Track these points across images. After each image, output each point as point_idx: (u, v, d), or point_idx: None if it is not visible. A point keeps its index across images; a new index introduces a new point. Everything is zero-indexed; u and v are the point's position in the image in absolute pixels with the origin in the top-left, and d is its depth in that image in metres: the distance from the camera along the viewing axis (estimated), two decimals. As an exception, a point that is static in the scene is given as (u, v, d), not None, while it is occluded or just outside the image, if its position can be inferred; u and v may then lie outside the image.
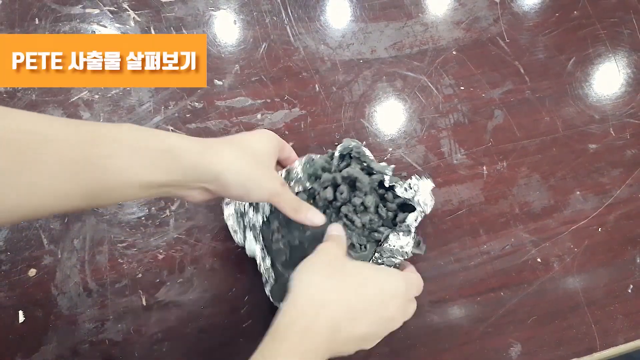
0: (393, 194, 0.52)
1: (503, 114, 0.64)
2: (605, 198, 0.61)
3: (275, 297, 0.48)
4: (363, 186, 0.51)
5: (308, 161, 0.52)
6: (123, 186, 0.36)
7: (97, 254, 0.53)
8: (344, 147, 0.53)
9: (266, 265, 0.49)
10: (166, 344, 0.50)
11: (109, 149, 0.35)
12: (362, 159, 0.53)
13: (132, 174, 0.36)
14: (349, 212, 0.52)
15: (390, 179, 0.51)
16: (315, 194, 0.52)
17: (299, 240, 0.51)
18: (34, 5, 0.65)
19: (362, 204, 0.51)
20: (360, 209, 0.52)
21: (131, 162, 0.36)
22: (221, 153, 0.41)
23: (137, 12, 0.67)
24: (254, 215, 0.51)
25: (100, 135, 0.36)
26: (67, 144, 0.34)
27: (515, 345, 0.53)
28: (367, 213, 0.52)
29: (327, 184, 0.52)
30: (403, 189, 0.51)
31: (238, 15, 0.68)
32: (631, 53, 0.70)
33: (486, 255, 0.57)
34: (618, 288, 0.56)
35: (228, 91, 0.63)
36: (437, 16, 0.71)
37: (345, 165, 0.53)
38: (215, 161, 0.40)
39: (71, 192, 0.35)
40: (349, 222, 0.52)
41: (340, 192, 0.51)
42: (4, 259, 0.52)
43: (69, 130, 0.35)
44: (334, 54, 0.66)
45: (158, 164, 0.37)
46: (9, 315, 0.50)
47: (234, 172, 0.41)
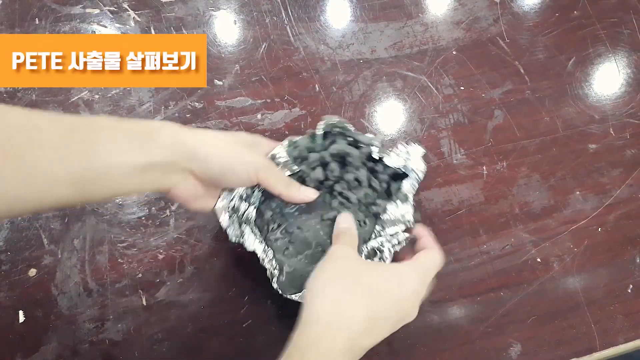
0: (383, 165, 0.50)
1: (503, 114, 0.64)
2: (605, 198, 0.61)
3: (285, 289, 0.46)
4: (354, 160, 0.49)
5: (291, 143, 0.49)
6: (108, 170, 0.37)
7: (97, 254, 0.53)
8: (326, 124, 0.50)
9: (269, 257, 0.47)
10: (166, 344, 0.50)
11: (90, 135, 0.37)
12: (347, 133, 0.50)
13: (114, 156, 0.37)
14: (343, 189, 0.50)
15: (379, 151, 0.49)
16: (305, 177, 0.50)
17: (296, 226, 0.50)
18: (34, 5, 0.65)
19: (356, 179, 0.50)
20: (353, 184, 0.50)
21: (112, 144, 0.37)
22: (197, 131, 0.42)
23: (137, 12, 0.67)
24: (246, 207, 0.48)
25: (81, 124, 0.37)
26: (52, 133, 0.35)
27: (515, 345, 0.53)
28: (361, 188, 0.51)
29: (315, 164, 0.50)
30: (392, 159, 0.49)
31: (238, 15, 0.68)
32: (631, 53, 0.70)
33: (486, 255, 0.57)
34: (618, 288, 0.56)
35: (228, 91, 0.63)
36: (437, 16, 0.71)
37: (331, 143, 0.51)
38: (191, 137, 0.40)
39: (59, 179, 0.35)
40: (344, 200, 0.51)
41: (331, 170, 0.50)
42: (4, 259, 0.52)
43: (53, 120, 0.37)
44: (334, 54, 0.66)
45: (137, 144, 0.38)
46: (9, 315, 0.50)
47: (212, 145, 0.41)
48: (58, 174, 0.35)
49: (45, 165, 0.35)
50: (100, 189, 0.38)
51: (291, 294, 0.46)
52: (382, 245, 0.47)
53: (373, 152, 0.49)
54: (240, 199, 0.48)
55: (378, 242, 0.48)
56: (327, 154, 0.49)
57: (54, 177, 0.35)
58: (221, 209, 0.46)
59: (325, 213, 0.51)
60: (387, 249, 0.47)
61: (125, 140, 0.38)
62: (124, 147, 0.38)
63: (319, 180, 0.50)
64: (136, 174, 0.38)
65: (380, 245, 0.47)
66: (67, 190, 0.36)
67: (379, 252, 0.47)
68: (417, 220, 0.50)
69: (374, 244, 0.48)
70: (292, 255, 0.49)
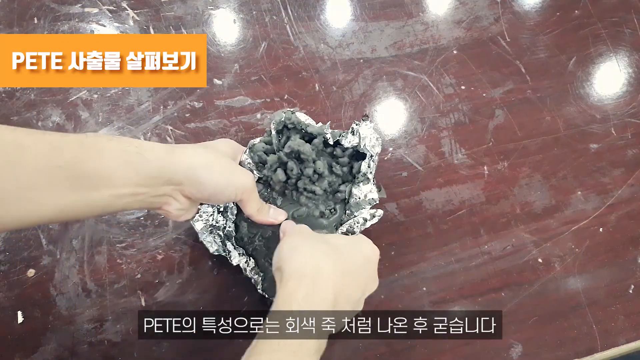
0: (341, 148, 0.52)
1: (504, 114, 0.64)
2: (607, 198, 0.61)
3: (271, 292, 0.48)
4: (308, 155, 0.50)
5: (251, 148, 0.52)
6: (95, 191, 0.36)
7: (96, 254, 0.53)
8: (276, 122, 0.51)
9: (250, 267, 0.49)
10: (166, 344, 0.50)
11: (79, 154, 0.36)
12: (299, 126, 0.51)
13: (104, 175, 0.36)
14: (306, 184, 0.51)
15: (332, 135, 0.51)
16: (269, 180, 0.52)
17: (271, 230, 0.51)
18: (32, 4, 0.65)
19: (315, 172, 0.51)
20: (315, 177, 0.51)
21: (101, 163, 0.36)
22: (188, 151, 0.41)
23: (136, 11, 0.66)
24: (224, 222, 0.51)
25: (69, 142, 0.36)
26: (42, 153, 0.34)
27: (516, 346, 0.53)
28: (324, 178, 0.52)
29: (275, 166, 0.51)
30: (348, 140, 0.50)
31: (237, 14, 0.68)
32: (632, 52, 0.70)
33: (487, 256, 0.56)
34: (619, 288, 0.56)
35: (227, 90, 0.62)
36: (437, 15, 0.70)
37: (286, 139, 0.52)
38: (183, 159, 0.40)
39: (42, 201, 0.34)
40: (310, 194, 0.52)
41: (290, 169, 0.50)
42: (2, 260, 0.52)
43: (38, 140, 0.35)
44: (334, 53, 0.66)
45: (127, 164, 0.37)
46: (8, 316, 0.49)
47: (206, 167, 0.41)
48: (40, 196, 0.34)
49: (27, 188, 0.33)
50: (87, 210, 0.37)
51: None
52: (352, 227, 0.50)
53: (328, 139, 0.51)
54: (218, 213, 0.51)
55: (348, 225, 0.50)
56: (282, 155, 0.51)
57: (36, 198, 0.34)
58: (201, 225, 0.50)
59: (295, 211, 0.52)
60: (358, 230, 0.49)
61: (114, 162, 0.37)
62: (112, 168, 0.37)
63: (282, 181, 0.51)
64: (126, 195, 0.38)
65: (349, 227, 0.50)
66: (50, 211, 0.35)
67: (350, 233, 0.50)
68: (383, 197, 0.52)
69: (344, 228, 0.50)
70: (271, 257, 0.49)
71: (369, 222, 0.50)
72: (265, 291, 0.49)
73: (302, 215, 0.52)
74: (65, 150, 0.35)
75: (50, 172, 0.34)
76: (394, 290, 0.54)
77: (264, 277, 0.49)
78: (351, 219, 0.50)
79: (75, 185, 0.35)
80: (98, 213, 0.39)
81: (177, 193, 0.41)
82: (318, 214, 0.52)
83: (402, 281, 0.54)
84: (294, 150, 0.49)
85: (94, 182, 0.36)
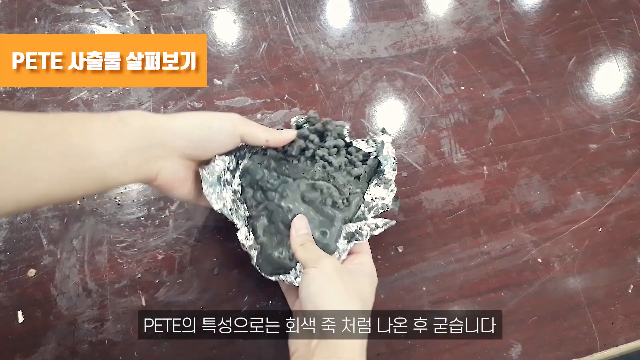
0: (355, 149, 0.54)
1: (504, 114, 0.64)
2: (606, 198, 0.61)
3: (264, 269, 0.48)
4: (332, 129, 0.52)
5: None
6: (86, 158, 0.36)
7: (97, 254, 0.53)
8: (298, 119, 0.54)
9: (249, 243, 0.48)
10: (166, 344, 0.50)
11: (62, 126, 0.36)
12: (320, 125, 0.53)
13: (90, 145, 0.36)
14: (324, 154, 0.52)
15: (349, 134, 0.53)
16: (286, 147, 0.52)
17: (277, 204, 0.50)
18: (33, 4, 0.65)
19: (335, 146, 0.52)
20: (333, 150, 0.52)
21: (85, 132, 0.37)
22: (167, 114, 0.43)
23: (137, 11, 0.67)
24: (232, 179, 0.50)
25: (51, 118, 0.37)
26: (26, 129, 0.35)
27: (516, 346, 0.53)
28: (340, 155, 0.53)
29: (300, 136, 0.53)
30: (361, 144, 0.53)
31: (238, 14, 0.68)
32: (632, 53, 0.70)
33: (487, 256, 0.56)
34: (619, 288, 0.56)
35: (228, 91, 0.62)
36: (437, 16, 0.70)
37: None
38: (162, 118, 0.41)
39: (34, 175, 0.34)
40: (326, 164, 0.52)
41: (311, 140, 0.52)
42: (3, 259, 0.52)
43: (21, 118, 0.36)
44: (334, 53, 0.66)
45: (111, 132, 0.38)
46: (8, 316, 0.50)
47: (184, 117, 0.43)
48: (31, 168, 0.34)
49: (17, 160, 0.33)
50: (81, 184, 0.37)
51: (269, 274, 0.48)
52: (361, 229, 0.49)
53: (345, 136, 0.53)
54: (227, 171, 0.50)
55: (357, 226, 0.49)
56: (305, 130, 0.52)
57: (25, 170, 0.34)
58: (218, 172, 0.48)
59: (307, 192, 0.51)
60: (366, 233, 0.49)
61: (98, 130, 0.37)
62: (97, 135, 0.37)
63: (301, 148, 0.51)
64: (117, 161, 0.38)
65: (358, 229, 0.49)
66: (44, 188, 0.35)
67: (358, 235, 0.49)
68: (395, 208, 0.52)
69: (353, 228, 0.49)
70: (272, 233, 0.49)
71: (378, 230, 0.49)
72: (260, 267, 0.48)
73: (314, 201, 0.50)
74: (49, 125, 0.36)
75: (37, 146, 0.34)
76: (394, 290, 0.54)
77: (260, 251, 0.48)
78: (362, 221, 0.49)
79: (64, 158, 0.35)
80: (94, 188, 0.38)
81: (168, 156, 0.41)
82: (331, 204, 0.50)
83: (402, 281, 0.54)
84: (318, 129, 0.52)
85: (82, 152, 0.36)
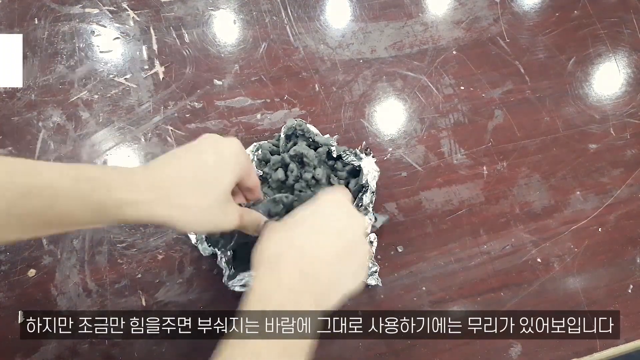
0: (342, 163, 0.55)
1: (503, 114, 0.64)
2: (606, 198, 0.61)
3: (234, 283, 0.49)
4: (311, 160, 0.53)
5: (257, 147, 0.54)
6: (60, 227, 0.34)
7: (97, 254, 0.53)
8: (287, 127, 0.55)
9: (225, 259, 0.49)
10: (166, 344, 0.50)
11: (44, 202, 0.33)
12: (307, 135, 0.55)
13: (64, 215, 0.33)
14: (302, 188, 0.53)
15: (336, 149, 0.54)
16: (268, 178, 0.54)
17: None
18: (33, 4, 0.65)
19: (313, 177, 0.53)
20: (312, 182, 0.53)
21: (61, 207, 0.33)
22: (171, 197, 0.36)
23: (137, 11, 0.67)
24: None
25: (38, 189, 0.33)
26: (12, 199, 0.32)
27: (516, 346, 0.53)
28: (320, 185, 0.53)
29: (277, 166, 0.54)
30: (351, 157, 0.54)
31: (238, 14, 0.68)
32: (631, 53, 0.70)
33: (486, 256, 0.56)
34: (618, 288, 0.56)
35: (227, 91, 0.62)
36: (437, 16, 0.71)
37: (293, 144, 0.55)
38: (161, 213, 0.36)
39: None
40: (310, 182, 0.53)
41: (291, 170, 0.52)
42: (3, 260, 0.52)
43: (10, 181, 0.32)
44: (334, 53, 0.66)
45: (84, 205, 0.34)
46: (9, 316, 0.50)
47: (187, 217, 0.37)
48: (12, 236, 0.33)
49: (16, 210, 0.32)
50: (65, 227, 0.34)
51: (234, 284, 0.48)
52: None
53: (332, 152, 0.54)
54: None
55: None
56: (287, 156, 0.53)
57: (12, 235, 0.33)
58: None
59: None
60: None
61: (72, 203, 0.33)
62: (72, 209, 0.33)
63: (280, 181, 0.53)
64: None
65: None
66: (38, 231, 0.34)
67: None
68: (385, 223, 0.54)
69: None
70: None
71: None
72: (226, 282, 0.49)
73: None
74: (35, 199, 0.32)
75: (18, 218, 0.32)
76: (394, 290, 0.54)
77: (232, 271, 0.49)
78: None
79: (46, 227, 0.33)
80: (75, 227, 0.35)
81: None
82: None
83: (402, 281, 0.54)
84: (298, 153, 0.52)
85: (59, 222, 0.34)
